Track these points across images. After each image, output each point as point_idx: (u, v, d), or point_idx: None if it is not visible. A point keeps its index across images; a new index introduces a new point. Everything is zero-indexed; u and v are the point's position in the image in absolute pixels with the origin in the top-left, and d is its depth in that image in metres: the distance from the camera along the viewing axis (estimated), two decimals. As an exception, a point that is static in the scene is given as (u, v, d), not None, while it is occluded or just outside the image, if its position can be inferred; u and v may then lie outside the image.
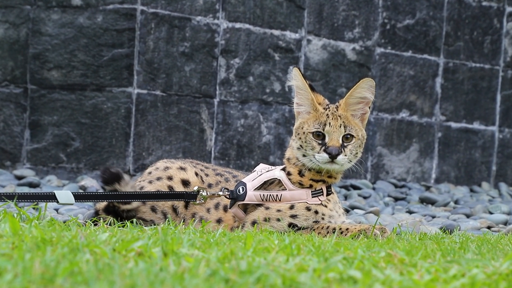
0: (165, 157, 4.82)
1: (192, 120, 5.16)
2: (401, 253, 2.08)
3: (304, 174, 2.94)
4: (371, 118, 5.76)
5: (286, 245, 2.09)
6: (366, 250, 2.12)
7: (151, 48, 5.01)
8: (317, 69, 5.55)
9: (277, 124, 5.42)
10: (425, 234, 3.13)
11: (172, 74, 5.08)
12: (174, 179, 3.06)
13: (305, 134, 2.88)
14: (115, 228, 2.54)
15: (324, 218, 2.90)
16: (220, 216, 3.01)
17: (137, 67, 4.98)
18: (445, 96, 6.03)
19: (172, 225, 2.72)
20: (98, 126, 4.92)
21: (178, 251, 1.90)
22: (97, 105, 4.92)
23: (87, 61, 4.90)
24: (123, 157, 4.95)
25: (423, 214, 4.37)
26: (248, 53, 5.32)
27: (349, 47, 5.66)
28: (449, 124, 6.05)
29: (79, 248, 1.84)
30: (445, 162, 6.04)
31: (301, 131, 2.90)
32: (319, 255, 1.97)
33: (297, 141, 2.91)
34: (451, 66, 6.04)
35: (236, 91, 5.29)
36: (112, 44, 4.92)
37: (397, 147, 5.86)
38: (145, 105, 5.02)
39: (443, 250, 2.31)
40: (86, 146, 4.91)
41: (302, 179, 2.93)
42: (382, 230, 2.82)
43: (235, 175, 3.14)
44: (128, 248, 1.89)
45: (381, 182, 5.71)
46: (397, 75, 5.85)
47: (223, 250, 1.95)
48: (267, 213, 2.90)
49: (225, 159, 5.26)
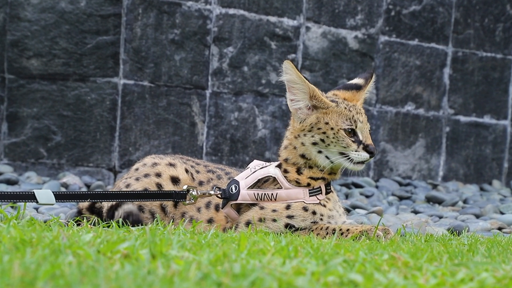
0: (153, 153, 4.82)
1: (182, 113, 5.16)
2: (405, 255, 2.09)
3: (303, 172, 2.94)
4: (374, 112, 5.77)
5: (282, 246, 2.10)
6: (368, 253, 2.14)
7: (138, 35, 5.01)
8: (316, 58, 5.56)
9: (274, 117, 5.43)
10: (431, 235, 3.14)
11: (161, 63, 5.08)
12: (163, 176, 3.07)
13: (333, 130, 2.89)
14: (99, 228, 2.55)
15: (322, 219, 2.91)
16: (211, 216, 3.02)
17: (123, 56, 4.98)
18: (453, 88, 6.04)
19: (161, 225, 2.73)
20: (81, 119, 4.92)
21: (167, 253, 1.90)
22: (80, 97, 4.92)
23: (69, 49, 4.90)
24: (108, 153, 4.96)
25: (430, 214, 4.38)
26: (242, 41, 5.32)
27: (351, 35, 5.67)
28: (458, 117, 6.07)
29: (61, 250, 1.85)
30: (453, 158, 6.06)
31: (325, 126, 2.90)
32: (318, 258, 1.98)
33: (313, 137, 2.91)
34: (460, 56, 6.06)
35: (230, 82, 5.30)
36: (97, 31, 4.92)
37: (402, 142, 5.88)
38: (131, 97, 5.02)
39: (450, 253, 2.32)
40: (68, 141, 4.91)
41: (300, 177, 2.94)
42: (385, 231, 2.84)
43: (228, 172, 3.15)
44: (114, 249, 1.90)
45: (385, 180, 5.72)
46: (402, 65, 5.86)
47: (215, 252, 1.96)
48: (262, 213, 2.91)
49: (218, 155, 5.27)
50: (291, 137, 2.96)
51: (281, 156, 2.98)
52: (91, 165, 4.93)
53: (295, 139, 2.94)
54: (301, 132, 2.92)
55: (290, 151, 2.96)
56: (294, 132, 2.95)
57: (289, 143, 2.96)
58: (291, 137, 2.96)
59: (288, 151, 2.96)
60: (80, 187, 4.65)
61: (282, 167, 2.98)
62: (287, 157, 2.96)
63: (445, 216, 4.32)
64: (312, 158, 2.92)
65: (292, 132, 2.96)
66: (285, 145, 2.97)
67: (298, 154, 2.94)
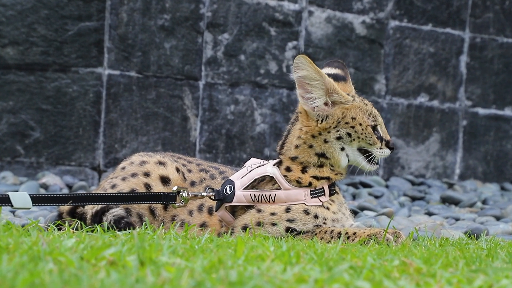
0: (141, 150, 4.83)
1: (173, 107, 5.17)
2: (418, 261, 2.10)
3: (307, 171, 2.95)
4: (384, 104, 5.78)
5: (283, 252, 2.11)
6: (377, 258, 2.14)
7: (124, 21, 5.01)
8: (320, 46, 5.56)
9: (273, 111, 5.44)
10: (446, 239, 3.15)
11: (149, 52, 5.09)
12: (152, 176, 3.08)
13: (362, 126, 2.96)
14: (83, 233, 2.56)
15: (326, 223, 2.92)
16: (204, 220, 3.02)
17: (108, 44, 4.98)
18: (471, 77, 6.05)
19: (150, 230, 2.74)
20: (62, 114, 4.93)
21: (157, 259, 1.91)
22: (60, 89, 4.93)
23: (48, 36, 4.90)
24: (91, 150, 4.96)
25: (445, 216, 4.39)
26: (239, 27, 5.33)
27: (357, 20, 5.67)
28: (476, 110, 6.08)
29: (40, 257, 1.86)
30: (471, 155, 6.07)
31: (352, 121, 2.96)
32: (322, 264, 1.99)
33: (338, 131, 2.95)
34: (478, 42, 6.06)
35: (225, 72, 5.30)
36: (78, 16, 4.92)
37: (414, 137, 5.89)
38: (117, 89, 5.02)
39: (467, 258, 2.33)
40: (47, 137, 4.92)
41: (303, 175, 2.95)
42: (396, 235, 2.84)
43: (222, 171, 3.15)
44: (99, 256, 1.91)
45: (396, 179, 5.73)
46: (414, 52, 5.87)
47: (210, 258, 1.97)
48: (260, 216, 2.92)
49: (212, 152, 5.28)
50: (306, 136, 2.97)
51: (287, 155, 2.98)
52: (73, 164, 4.93)
53: (312, 138, 2.96)
54: (323, 131, 2.95)
55: (302, 150, 2.96)
56: (311, 130, 2.96)
57: (303, 142, 2.97)
58: (305, 136, 2.96)
59: (299, 150, 2.97)
60: (61, 188, 4.66)
61: (282, 165, 2.98)
62: (297, 155, 2.97)
63: (462, 218, 4.33)
64: (334, 156, 2.96)
65: (307, 131, 2.97)
66: (296, 144, 2.98)
67: (313, 153, 2.96)
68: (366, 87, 5.68)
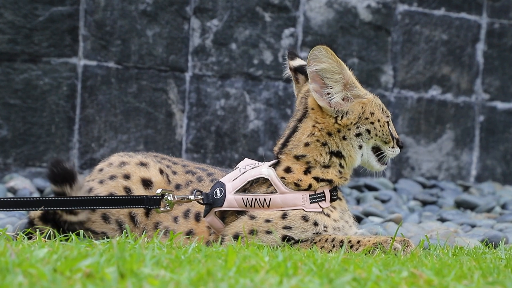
0: (121, 150, 4.83)
1: (157, 101, 5.17)
2: (428, 272, 2.11)
3: (310, 171, 2.96)
4: (391, 97, 5.80)
5: (279, 262, 2.12)
6: (383, 269, 2.16)
7: (101, 5, 5.02)
8: (320, 33, 5.57)
9: (268, 105, 5.45)
10: (461, 248, 3.17)
11: (129, 40, 5.09)
12: (132, 178, 3.08)
13: (380, 122, 3.04)
14: (56, 242, 2.56)
15: (327, 231, 2.93)
16: (191, 227, 3.03)
17: (83, 31, 4.98)
18: (488, 68, 6.07)
19: (131, 238, 2.75)
20: (32, 109, 4.93)
21: (138, 271, 1.92)
22: (30, 81, 4.93)
23: (16, 22, 4.90)
24: (65, 150, 4.96)
25: (460, 223, 4.40)
26: (229, 13, 5.33)
27: (362, 4, 5.68)
28: (494, 104, 6.10)
29: (8, 269, 1.86)
30: (488, 154, 6.08)
31: (371, 116, 3.01)
32: (322, 276, 2.00)
33: (358, 128, 2.99)
34: (497, 28, 6.08)
35: (214, 63, 5.31)
36: (50, 0, 4.92)
37: (425, 135, 5.90)
38: (94, 81, 5.02)
39: (483, 269, 2.35)
40: (16, 135, 4.92)
41: (304, 177, 2.95)
42: (405, 243, 2.86)
43: (210, 172, 3.16)
44: (74, 267, 1.91)
45: (405, 181, 5.75)
46: (425, 40, 5.88)
47: (198, 270, 1.98)
48: (253, 223, 2.92)
49: (201, 151, 5.28)
50: (321, 133, 2.98)
51: (291, 153, 2.98)
52: (44, 165, 4.94)
53: (328, 136, 2.97)
54: (343, 128, 2.98)
55: (313, 148, 2.97)
56: (328, 127, 2.98)
57: (316, 139, 2.98)
58: (320, 133, 2.97)
59: (310, 148, 2.97)
60: (31, 192, 4.66)
61: (281, 166, 2.98)
62: (305, 154, 2.97)
63: (479, 225, 4.35)
64: (351, 155, 3.01)
65: (322, 128, 2.98)
66: (307, 142, 2.98)
67: (326, 151, 2.97)
68: (371, 79, 5.69)
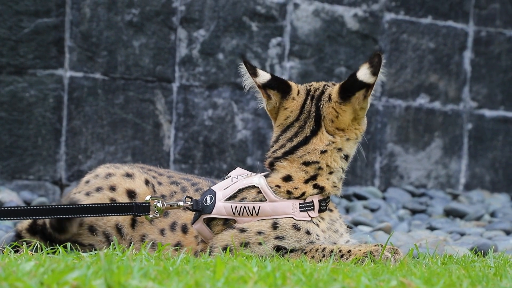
0: (108, 161, 4.83)
1: (144, 112, 5.17)
2: (417, 281, 2.11)
3: (316, 178, 2.94)
4: (379, 106, 5.81)
5: (267, 273, 2.12)
6: (372, 278, 2.16)
7: (87, 16, 5.02)
8: (307, 42, 5.58)
9: (256, 115, 5.45)
10: (450, 256, 3.17)
11: (116, 51, 5.09)
12: (118, 190, 3.08)
13: None
14: (42, 255, 2.56)
15: (319, 239, 2.93)
16: (178, 240, 3.02)
17: (69, 42, 4.98)
18: (476, 76, 6.08)
19: (119, 250, 2.75)
20: (18, 121, 4.92)
21: (126, 283, 1.92)
22: (16, 93, 4.92)
23: (1, 34, 4.90)
24: (52, 162, 4.96)
25: (449, 231, 4.41)
26: (216, 22, 5.34)
27: (349, 13, 5.70)
28: (482, 112, 6.11)
29: (-5, 282, 1.86)
30: (477, 162, 6.10)
31: None
32: (311, 286, 2.00)
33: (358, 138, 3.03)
34: (483, 36, 6.10)
35: (202, 73, 5.31)
36: (35, 12, 4.92)
37: (414, 143, 5.91)
38: (80, 93, 5.02)
39: (472, 278, 2.35)
40: (2, 148, 4.91)
41: (302, 186, 2.93)
42: (393, 251, 2.86)
43: (195, 182, 3.16)
44: (61, 280, 1.91)
45: (394, 190, 5.76)
46: (412, 48, 5.90)
47: (186, 281, 1.98)
48: (245, 237, 2.91)
49: (189, 162, 5.28)
50: (341, 139, 2.99)
51: (300, 160, 2.94)
52: (31, 178, 4.93)
53: (346, 142, 2.99)
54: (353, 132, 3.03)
55: (331, 155, 2.95)
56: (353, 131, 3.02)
57: (334, 147, 2.97)
58: (339, 139, 2.98)
59: (327, 156, 2.95)
60: (18, 205, 4.65)
61: (278, 174, 2.96)
62: (318, 160, 2.94)
63: (468, 233, 4.36)
64: (350, 156, 3.04)
65: (346, 133, 3.00)
66: (323, 150, 2.96)
67: (340, 156, 2.98)
68: (359, 88, 5.70)
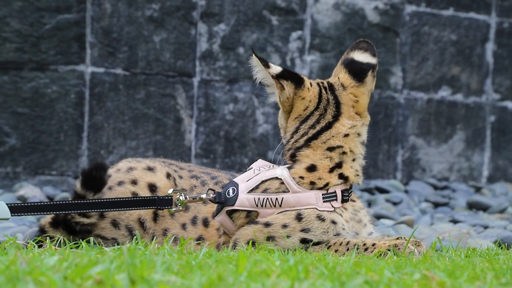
0: (130, 156, 4.84)
1: (165, 107, 5.18)
2: (441, 274, 2.11)
3: (342, 166, 2.94)
4: (401, 99, 5.79)
5: (290, 266, 2.12)
6: (395, 271, 2.16)
7: (108, 12, 5.03)
8: (328, 35, 5.57)
9: (277, 109, 5.43)
10: (473, 249, 3.16)
11: (137, 46, 5.10)
12: (140, 184, 3.08)
13: None
14: (66, 249, 2.57)
15: (344, 229, 2.92)
16: (200, 233, 3.02)
17: (90, 38, 4.99)
18: (499, 68, 6.06)
19: (142, 244, 2.75)
20: (40, 117, 4.94)
21: (149, 277, 1.92)
22: (38, 89, 4.94)
23: (23, 31, 4.92)
24: (74, 157, 4.97)
25: (472, 224, 4.40)
26: (236, 17, 5.34)
27: (369, 6, 5.68)
28: (505, 104, 6.09)
29: (19, 277, 1.87)
30: (500, 154, 6.07)
31: None
32: (334, 279, 2.00)
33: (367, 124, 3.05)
34: (506, 27, 6.07)
35: (222, 67, 5.31)
36: (56, 8, 4.94)
37: (436, 136, 5.89)
38: (102, 88, 5.03)
39: (496, 270, 2.35)
40: (25, 144, 4.93)
41: (326, 175, 2.91)
42: (416, 244, 2.85)
43: (214, 176, 3.15)
44: (84, 275, 1.92)
45: (416, 183, 5.74)
46: (434, 41, 5.88)
47: (208, 275, 1.98)
48: (270, 231, 2.90)
49: (210, 156, 5.28)
50: (359, 123, 3.00)
51: (324, 145, 2.94)
52: (54, 173, 4.95)
53: (362, 127, 3.01)
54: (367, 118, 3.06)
55: (352, 139, 2.97)
56: (364, 117, 3.03)
57: (354, 131, 2.98)
58: (358, 123, 2.99)
59: (349, 140, 2.97)
60: (41, 200, 4.67)
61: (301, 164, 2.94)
62: (341, 145, 2.95)
63: (491, 226, 4.34)
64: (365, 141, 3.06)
65: (362, 118, 3.01)
66: (346, 133, 2.96)
67: (360, 142, 3.00)
68: (380, 81, 5.69)
